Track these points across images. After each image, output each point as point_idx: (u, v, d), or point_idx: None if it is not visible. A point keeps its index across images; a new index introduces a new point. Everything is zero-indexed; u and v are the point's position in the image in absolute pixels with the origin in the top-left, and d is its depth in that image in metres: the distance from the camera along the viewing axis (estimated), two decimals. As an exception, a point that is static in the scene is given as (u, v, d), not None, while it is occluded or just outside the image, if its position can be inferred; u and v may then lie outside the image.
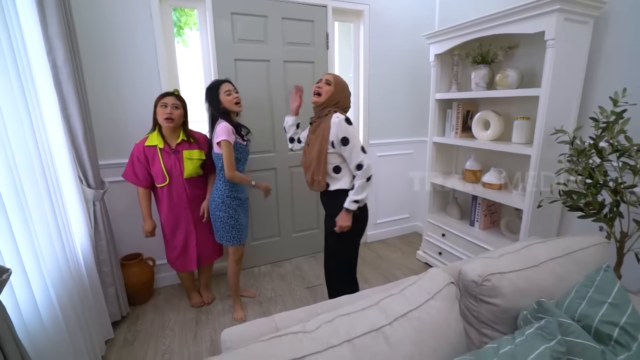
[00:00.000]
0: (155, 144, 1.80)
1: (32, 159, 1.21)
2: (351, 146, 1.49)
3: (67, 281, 1.36)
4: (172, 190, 1.87)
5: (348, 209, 1.52)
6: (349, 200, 1.52)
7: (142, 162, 1.79)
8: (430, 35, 2.25)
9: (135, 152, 1.79)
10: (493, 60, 2.04)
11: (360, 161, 1.49)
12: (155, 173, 1.82)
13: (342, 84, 1.61)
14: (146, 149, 1.79)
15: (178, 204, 1.89)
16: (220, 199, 1.85)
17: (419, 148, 3.03)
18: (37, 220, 1.19)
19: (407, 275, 2.47)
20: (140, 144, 1.80)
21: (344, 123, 1.49)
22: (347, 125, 1.49)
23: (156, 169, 1.81)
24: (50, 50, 1.49)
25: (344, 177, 1.57)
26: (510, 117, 2.07)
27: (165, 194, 1.86)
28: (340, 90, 1.58)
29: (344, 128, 1.48)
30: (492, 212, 2.27)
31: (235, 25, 2.21)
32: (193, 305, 2.12)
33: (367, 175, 1.50)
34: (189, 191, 1.91)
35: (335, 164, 1.56)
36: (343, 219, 1.54)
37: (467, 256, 2.22)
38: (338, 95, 1.57)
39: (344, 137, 1.48)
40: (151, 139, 1.80)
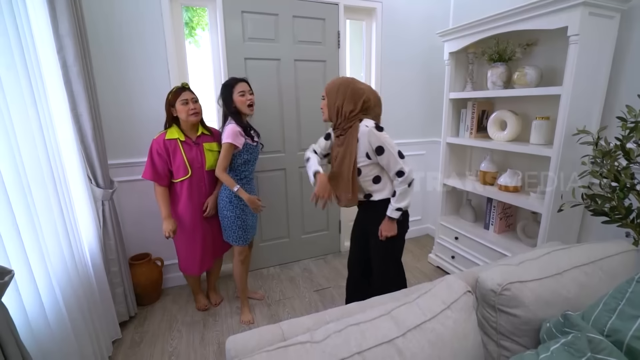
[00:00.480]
0: (176, 137, 1.76)
1: (39, 158, 1.20)
2: (387, 154, 1.39)
3: (74, 281, 1.35)
4: (193, 183, 1.82)
5: (391, 217, 1.45)
6: (391, 208, 1.44)
7: (163, 156, 1.73)
8: (445, 32, 2.19)
9: (155, 147, 1.73)
10: (510, 58, 1.96)
11: (400, 168, 1.40)
12: (176, 166, 1.76)
13: (334, 87, 1.44)
14: (167, 142, 1.74)
15: (197, 198, 1.85)
16: (227, 198, 1.83)
17: (431, 149, 2.96)
18: (44, 220, 1.18)
19: (418, 278, 2.41)
20: (160, 139, 1.74)
21: (374, 131, 1.37)
22: (379, 133, 1.38)
23: (178, 161, 1.76)
24: (60, 49, 1.49)
25: (386, 185, 1.49)
26: (529, 117, 1.98)
27: (185, 188, 1.81)
28: (332, 96, 1.43)
29: (376, 136, 1.37)
30: (507, 216, 2.19)
31: (245, 23, 2.19)
32: (199, 309, 2.08)
33: (409, 181, 1.42)
34: (209, 184, 1.89)
35: (374, 174, 1.47)
36: (387, 228, 1.47)
37: (481, 261, 2.14)
38: (333, 101, 1.43)
39: (378, 147, 1.38)
40: (171, 132, 1.76)
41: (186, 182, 1.80)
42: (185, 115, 1.73)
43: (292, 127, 2.45)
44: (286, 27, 2.29)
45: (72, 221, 1.41)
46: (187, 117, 1.74)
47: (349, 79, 1.47)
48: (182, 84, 1.79)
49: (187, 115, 1.73)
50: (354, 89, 1.42)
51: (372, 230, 1.55)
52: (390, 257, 1.60)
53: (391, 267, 1.62)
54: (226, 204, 1.84)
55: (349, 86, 1.42)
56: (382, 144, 1.37)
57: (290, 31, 2.31)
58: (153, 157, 1.73)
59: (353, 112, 1.42)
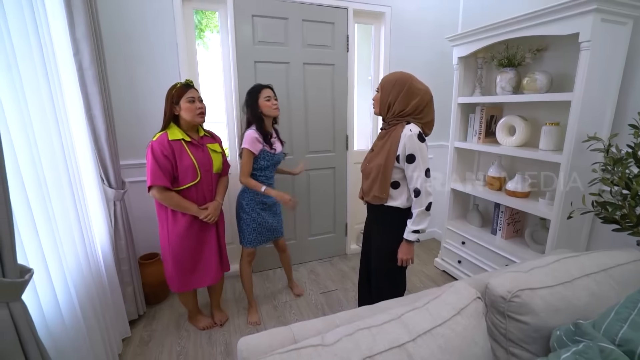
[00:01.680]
0: (180, 138, 1.57)
1: (57, 159, 1.23)
2: (415, 165, 1.32)
3: (87, 280, 1.38)
4: (202, 188, 1.66)
5: (408, 239, 1.38)
6: (408, 230, 1.38)
7: (170, 158, 1.53)
8: (454, 37, 2.19)
9: (159, 149, 1.50)
10: (520, 63, 1.96)
11: (419, 186, 1.32)
12: (183, 171, 1.56)
13: (390, 83, 1.36)
14: (172, 143, 1.55)
15: (205, 204, 1.69)
16: (244, 201, 1.90)
17: (438, 153, 2.95)
18: (60, 220, 1.21)
19: (424, 283, 2.41)
20: (163, 140, 1.53)
21: (415, 138, 1.30)
22: (419, 142, 1.30)
23: (185, 165, 1.57)
24: (76, 52, 1.52)
25: (402, 195, 1.40)
26: (538, 123, 1.98)
27: (193, 195, 1.63)
28: (387, 91, 1.37)
29: (414, 144, 1.30)
30: (515, 221, 2.18)
31: (255, 27, 2.21)
32: (202, 329, 1.91)
33: (426, 204, 1.34)
34: (215, 189, 1.77)
35: (395, 179, 1.39)
36: (404, 251, 1.41)
37: (488, 266, 2.14)
38: (386, 97, 1.37)
39: (410, 154, 1.31)
40: (173, 133, 1.57)
41: (193, 188, 1.62)
42: (192, 114, 1.57)
43: (300, 130, 2.47)
44: (296, 31, 2.31)
45: (86, 221, 1.44)
46: (193, 117, 1.58)
47: (408, 75, 1.37)
48: (187, 81, 1.63)
49: (193, 115, 1.58)
50: (410, 88, 1.34)
51: (374, 233, 1.54)
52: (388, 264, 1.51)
53: (389, 273, 1.54)
54: (243, 206, 1.89)
55: (405, 84, 1.34)
56: (415, 153, 1.31)
57: (300, 35, 2.33)
58: (158, 160, 1.50)
59: (403, 113, 1.36)
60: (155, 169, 1.51)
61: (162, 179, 1.52)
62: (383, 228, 1.48)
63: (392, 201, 1.42)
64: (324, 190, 2.67)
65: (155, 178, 1.51)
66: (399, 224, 1.41)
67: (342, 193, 2.74)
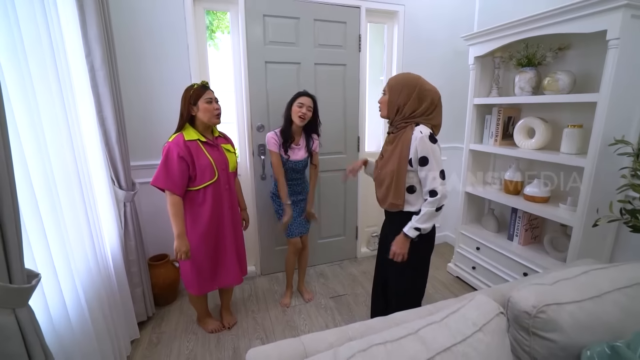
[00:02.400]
0: (196, 138, 1.59)
1: (66, 160, 1.23)
2: (429, 168, 1.29)
3: (96, 282, 1.37)
4: (219, 187, 1.66)
5: (407, 234, 1.34)
6: (410, 225, 1.34)
7: (186, 159, 1.52)
8: (471, 36, 2.12)
9: (175, 150, 1.50)
10: (540, 62, 1.88)
11: (435, 187, 1.29)
12: (201, 170, 1.58)
13: (399, 84, 1.34)
14: (188, 144, 1.55)
15: (223, 204, 1.69)
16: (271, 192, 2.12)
17: (453, 155, 2.88)
18: (69, 222, 1.20)
19: (437, 289, 2.34)
20: (179, 141, 1.53)
21: (427, 140, 1.27)
22: (431, 144, 1.28)
23: (203, 164, 1.58)
24: (89, 53, 1.52)
25: (419, 199, 1.37)
26: (559, 125, 1.89)
27: (210, 194, 1.62)
28: (395, 93, 1.34)
29: (426, 146, 1.27)
30: (533, 227, 2.10)
31: (266, 27, 2.19)
32: (210, 332, 1.90)
33: (439, 205, 1.31)
34: (232, 188, 1.77)
35: (410, 183, 1.36)
36: (399, 245, 1.37)
37: (504, 273, 2.06)
38: (395, 99, 1.34)
39: (423, 157, 1.28)
40: (189, 133, 1.58)
41: (211, 187, 1.62)
42: (210, 115, 1.58)
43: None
44: (307, 31, 2.28)
45: (95, 223, 1.44)
46: (210, 118, 1.59)
47: (416, 77, 1.35)
48: (203, 82, 1.64)
49: (211, 116, 1.59)
50: (420, 90, 1.32)
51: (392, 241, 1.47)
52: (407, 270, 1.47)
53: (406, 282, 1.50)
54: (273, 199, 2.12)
55: (415, 86, 1.32)
56: (428, 155, 1.28)
57: (311, 35, 2.30)
58: (170, 162, 1.51)
59: (413, 114, 1.33)
60: (161, 170, 1.53)
61: (162, 180, 1.53)
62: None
63: (410, 206, 1.38)
64: (335, 192, 2.63)
65: (156, 178, 1.54)
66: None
67: (353, 195, 2.69)
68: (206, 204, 1.64)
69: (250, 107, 2.26)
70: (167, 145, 1.54)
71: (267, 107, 2.29)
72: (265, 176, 2.37)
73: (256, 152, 2.33)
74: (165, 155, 1.52)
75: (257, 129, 2.30)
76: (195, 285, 1.72)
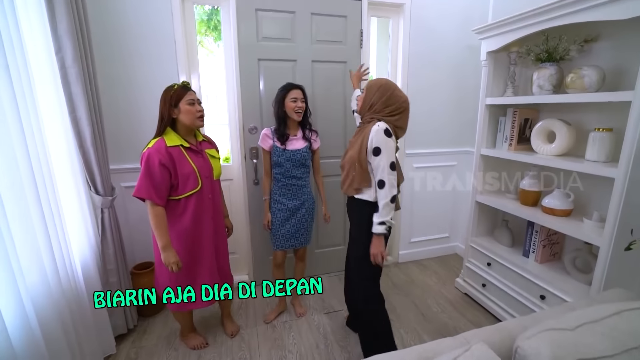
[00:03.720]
0: (178, 144, 1.46)
1: (18, 167, 1.11)
2: (380, 158, 1.37)
3: (56, 299, 1.26)
4: (202, 196, 1.54)
5: (377, 233, 1.41)
6: (375, 224, 1.40)
7: (168, 167, 1.41)
8: (483, 29, 1.91)
9: (157, 157, 1.38)
10: (563, 57, 1.66)
11: (382, 177, 1.37)
12: (183, 178, 1.46)
13: (375, 86, 1.46)
14: (170, 150, 1.44)
15: (206, 213, 1.57)
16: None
17: (463, 160, 2.66)
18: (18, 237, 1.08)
19: (442, 307, 2.13)
20: (160, 147, 1.41)
21: (381, 133, 1.37)
22: (384, 137, 1.37)
23: (186, 172, 1.46)
24: (59, 49, 1.41)
25: (370, 189, 1.45)
26: (584, 128, 1.66)
27: (193, 204, 1.51)
28: (371, 93, 1.46)
29: (379, 138, 1.37)
30: (553, 243, 1.86)
31: (259, 22, 2.04)
32: (192, 348, 1.77)
33: (390, 196, 1.37)
34: (216, 197, 1.66)
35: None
36: (375, 245, 1.43)
37: (518, 293, 1.83)
38: (369, 98, 1.46)
39: (376, 147, 1.37)
40: (171, 139, 1.45)
41: (194, 197, 1.50)
42: (192, 118, 1.48)
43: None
44: (304, 26, 2.12)
45: (58, 232, 1.32)
46: (193, 120, 1.48)
47: (392, 83, 1.47)
48: (184, 82, 1.53)
49: (193, 119, 1.48)
50: (392, 95, 1.44)
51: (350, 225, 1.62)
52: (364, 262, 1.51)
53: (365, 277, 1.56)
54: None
55: (388, 90, 1.44)
56: (381, 146, 1.37)
57: (308, 30, 2.14)
58: (152, 170, 1.38)
59: (379, 114, 1.44)
60: (142, 178, 1.39)
61: (145, 190, 1.39)
62: (355, 220, 1.55)
63: (361, 195, 1.47)
64: (334, 199, 2.45)
65: (140, 190, 1.40)
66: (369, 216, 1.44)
67: (354, 202, 2.51)
68: (187, 214, 1.52)
69: (242, 107, 2.13)
70: (147, 151, 1.41)
71: (260, 107, 2.15)
72: (258, 181, 2.22)
73: (248, 155, 2.19)
74: (145, 164, 1.39)
75: (250, 130, 2.16)
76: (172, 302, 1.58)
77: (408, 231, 2.70)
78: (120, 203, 1.96)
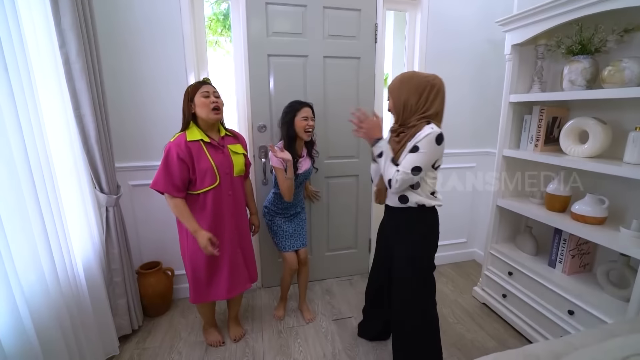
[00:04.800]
0: (199, 139, 1.46)
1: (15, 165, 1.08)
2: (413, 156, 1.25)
3: (54, 299, 1.22)
4: (221, 193, 1.52)
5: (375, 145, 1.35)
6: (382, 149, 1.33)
7: (186, 161, 1.41)
8: (507, 20, 1.77)
9: (175, 151, 1.39)
10: (598, 49, 1.50)
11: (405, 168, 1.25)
12: (201, 173, 1.45)
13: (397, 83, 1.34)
14: (189, 144, 1.43)
15: (223, 211, 1.55)
16: (263, 206, 1.96)
17: (483, 161, 2.51)
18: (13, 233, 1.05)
19: (458, 318, 2.00)
20: (180, 141, 1.42)
21: (432, 138, 1.24)
22: (434, 143, 1.24)
23: (204, 167, 1.45)
24: (62, 44, 1.38)
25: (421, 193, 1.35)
26: (622, 127, 1.51)
27: (210, 200, 1.49)
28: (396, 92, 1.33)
29: (428, 141, 1.24)
30: (583, 253, 1.70)
31: (269, 16, 1.97)
32: (210, 344, 1.77)
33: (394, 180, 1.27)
34: (237, 193, 1.61)
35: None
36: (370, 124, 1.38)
37: (543, 307, 1.68)
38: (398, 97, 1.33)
39: (415, 146, 1.26)
40: (192, 133, 1.45)
41: (211, 192, 1.49)
42: (207, 110, 1.45)
43: (320, 133, 2.17)
44: (315, 20, 2.03)
45: (58, 232, 1.29)
46: (208, 112, 1.45)
47: (410, 71, 1.37)
48: (204, 79, 1.53)
49: (208, 111, 1.45)
50: (417, 80, 1.31)
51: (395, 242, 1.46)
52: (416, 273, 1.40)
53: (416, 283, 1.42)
54: (262, 212, 1.97)
55: (412, 78, 1.32)
56: (422, 148, 1.24)
57: (320, 24, 2.05)
58: (170, 163, 1.40)
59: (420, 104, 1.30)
60: (161, 172, 1.42)
61: (161, 184, 1.42)
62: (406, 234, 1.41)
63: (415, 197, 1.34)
64: (346, 201, 2.37)
65: (157, 182, 1.43)
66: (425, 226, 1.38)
67: (367, 204, 2.41)
68: (206, 210, 1.51)
69: (251, 105, 2.06)
70: (168, 145, 1.43)
71: (269, 105, 2.08)
72: (267, 181, 2.16)
73: (257, 154, 2.13)
74: (165, 157, 1.42)
75: (259, 129, 2.09)
76: (191, 293, 1.61)
77: (423, 235, 2.58)
78: (127, 202, 1.94)
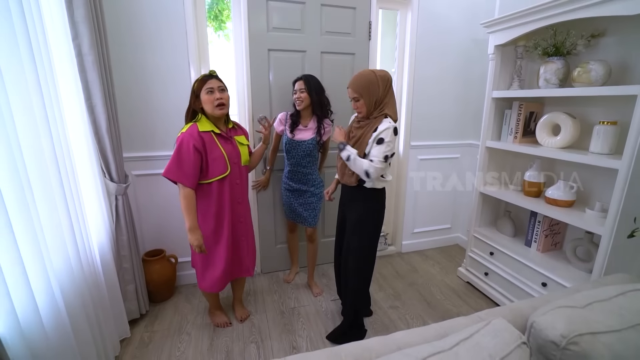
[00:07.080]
0: (210, 130, 1.52)
1: (44, 151, 1.13)
2: (379, 148, 1.46)
3: (78, 281, 1.29)
4: (231, 182, 1.60)
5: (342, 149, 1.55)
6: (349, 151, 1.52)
7: (200, 151, 1.47)
8: (491, 22, 1.94)
9: (190, 141, 1.44)
10: (570, 51, 1.70)
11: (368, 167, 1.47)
12: (213, 163, 1.52)
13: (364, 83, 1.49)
14: (202, 135, 1.49)
15: (232, 198, 1.63)
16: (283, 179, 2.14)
17: (467, 152, 2.71)
18: (45, 218, 1.11)
19: (445, 295, 2.20)
20: (193, 131, 1.47)
21: (391, 131, 1.46)
22: (393, 134, 1.47)
23: (216, 157, 1.52)
24: (75, 36, 1.42)
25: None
26: (589, 121, 1.71)
27: (221, 189, 1.58)
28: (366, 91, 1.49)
29: (387, 133, 1.46)
30: (554, 233, 1.93)
31: (270, 12, 2.05)
32: (217, 325, 1.86)
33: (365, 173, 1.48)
34: (244, 182, 1.71)
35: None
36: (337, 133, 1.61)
37: (521, 281, 1.90)
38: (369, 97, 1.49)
39: (381, 138, 1.47)
40: (203, 124, 1.51)
41: (222, 181, 1.57)
42: (211, 107, 1.50)
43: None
44: (313, 17, 2.13)
45: (79, 217, 1.34)
46: (212, 109, 1.50)
47: (368, 70, 1.53)
48: (210, 71, 1.56)
49: (212, 107, 1.50)
50: (379, 77, 1.49)
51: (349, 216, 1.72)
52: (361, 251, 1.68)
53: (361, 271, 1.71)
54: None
55: (375, 76, 1.48)
56: (386, 138, 1.45)
57: (318, 21, 2.15)
58: (183, 153, 1.45)
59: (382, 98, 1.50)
60: (173, 161, 1.47)
61: (173, 172, 1.48)
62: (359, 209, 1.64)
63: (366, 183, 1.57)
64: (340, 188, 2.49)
65: (169, 171, 1.48)
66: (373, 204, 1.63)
67: (359, 193, 2.55)
68: (216, 198, 1.59)
69: (252, 97, 2.14)
70: (181, 136, 1.48)
71: (269, 97, 2.17)
72: (266, 170, 2.25)
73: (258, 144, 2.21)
74: (178, 147, 1.47)
75: (259, 121, 2.15)
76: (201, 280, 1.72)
77: (411, 222, 2.76)
78: (130, 191, 1.99)
